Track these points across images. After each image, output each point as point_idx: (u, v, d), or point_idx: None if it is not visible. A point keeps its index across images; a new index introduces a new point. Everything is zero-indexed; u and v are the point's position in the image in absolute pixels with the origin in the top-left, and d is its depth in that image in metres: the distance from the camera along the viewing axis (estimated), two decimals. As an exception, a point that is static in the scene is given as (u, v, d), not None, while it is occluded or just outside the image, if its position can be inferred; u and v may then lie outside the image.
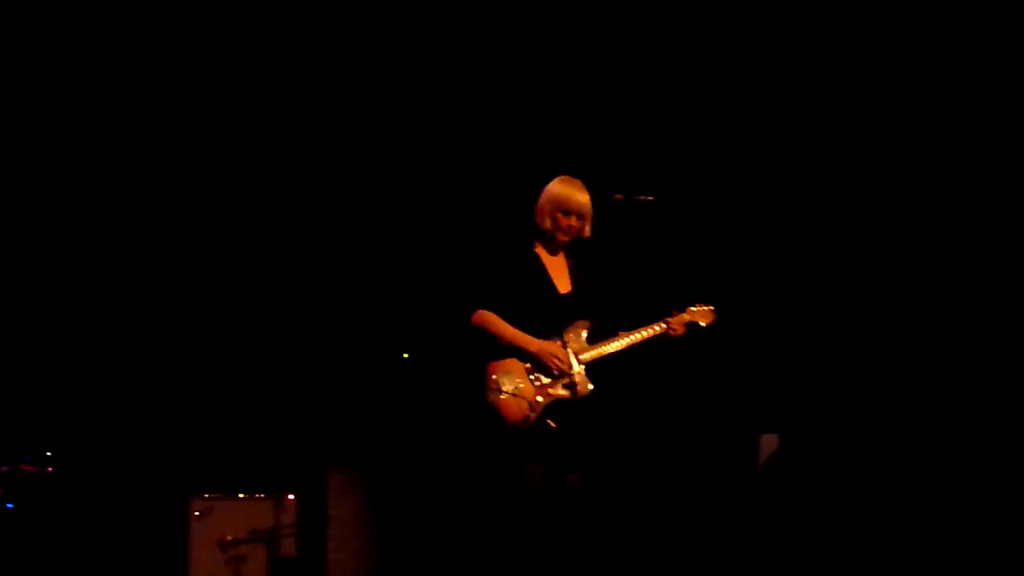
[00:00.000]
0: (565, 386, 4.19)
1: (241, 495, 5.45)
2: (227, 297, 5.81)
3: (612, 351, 4.29)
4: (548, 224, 4.32)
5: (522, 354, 4.20)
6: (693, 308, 4.46)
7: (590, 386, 4.21)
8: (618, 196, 4.38)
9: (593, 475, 4.25)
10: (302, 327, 5.86)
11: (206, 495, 5.39)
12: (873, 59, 5.39)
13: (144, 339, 5.70)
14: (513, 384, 4.13)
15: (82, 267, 5.63)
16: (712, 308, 4.48)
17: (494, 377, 4.14)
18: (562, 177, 4.36)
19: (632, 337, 4.33)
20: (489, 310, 4.22)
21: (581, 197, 4.31)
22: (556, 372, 4.19)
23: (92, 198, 5.60)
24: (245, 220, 5.78)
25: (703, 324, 4.45)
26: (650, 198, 4.38)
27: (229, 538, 5.35)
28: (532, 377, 4.18)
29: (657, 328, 4.37)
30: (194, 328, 5.78)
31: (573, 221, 4.31)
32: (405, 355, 5.79)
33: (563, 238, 4.34)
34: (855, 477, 5.34)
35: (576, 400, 4.20)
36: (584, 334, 4.29)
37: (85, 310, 5.61)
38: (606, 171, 5.01)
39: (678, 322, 4.39)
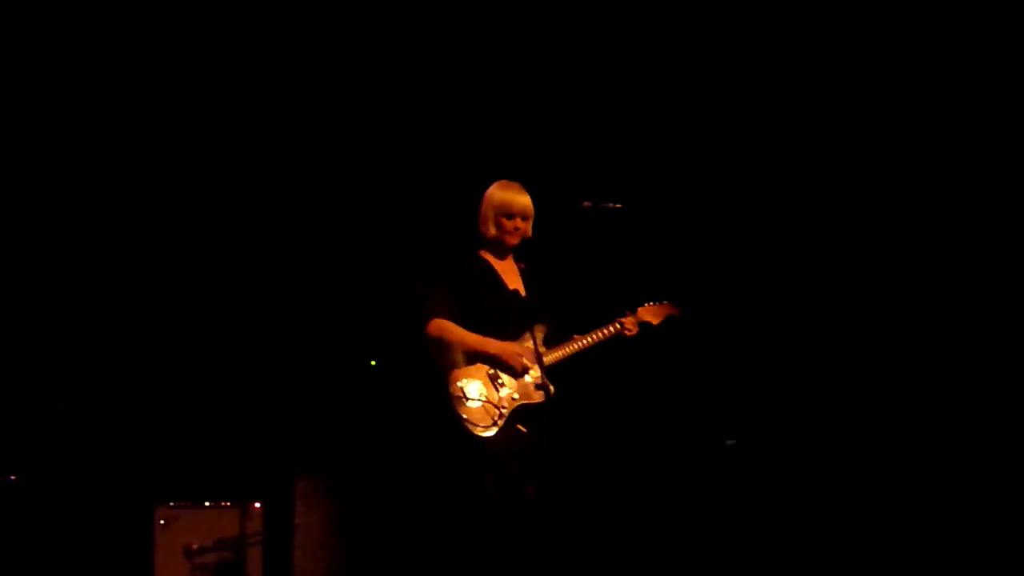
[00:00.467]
0: (527, 390, 4.19)
1: (207, 503, 5.42)
2: (192, 304, 5.80)
3: (570, 353, 4.30)
4: (494, 230, 4.35)
5: (483, 359, 4.19)
6: (644, 307, 4.47)
7: (551, 389, 4.18)
8: (586, 203, 4.39)
9: (553, 482, 4.24)
10: (268, 334, 5.85)
11: (171, 503, 5.36)
12: (836, 69, 5.45)
13: (108, 346, 5.68)
14: (478, 392, 4.12)
15: (45, 273, 5.59)
16: (665, 304, 4.49)
17: (458, 385, 4.12)
18: (500, 182, 4.39)
19: (587, 339, 4.34)
20: (445, 318, 4.20)
21: (523, 199, 4.34)
22: (520, 371, 4.19)
23: (53, 210, 5.59)
24: (208, 230, 5.77)
25: (655, 323, 4.45)
26: (618, 205, 4.40)
27: (195, 547, 5.32)
28: (496, 383, 4.17)
29: (611, 329, 4.38)
30: (159, 335, 5.76)
31: (519, 223, 4.33)
32: (372, 362, 5.78)
33: (511, 241, 4.36)
34: (821, 483, 5.39)
35: (537, 404, 4.18)
36: (540, 338, 4.28)
37: (48, 316, 5.59)
38: (560, 177, 5.16)
39: (631, 322, 4.40)
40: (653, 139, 5.75)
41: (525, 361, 4.20)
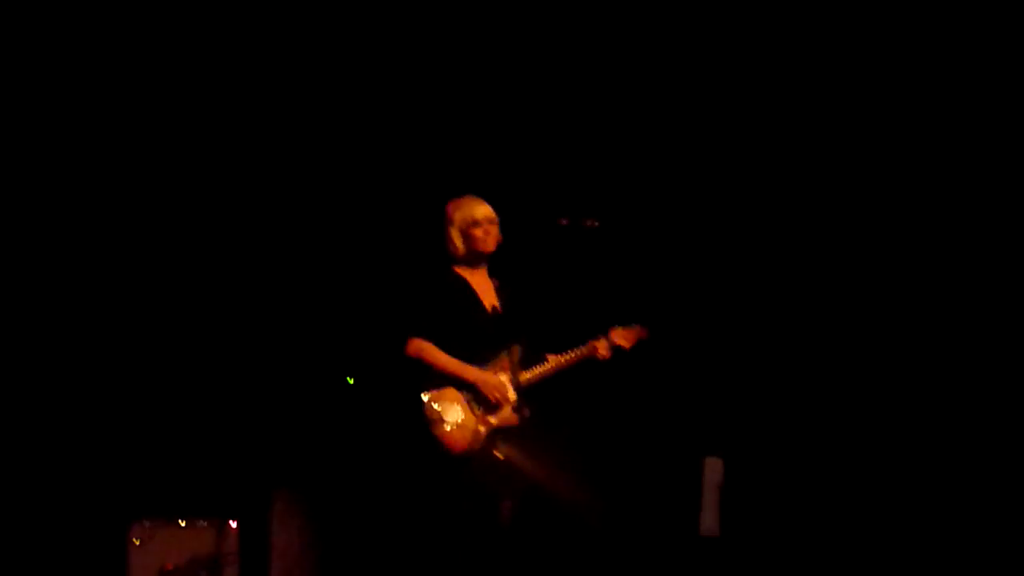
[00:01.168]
0: (504, 414, 4.23)
1: (182, 521, 5.35)
2: (168, 320, 5.75)
3: (545, 374, 4.33)
4: (464, 244, 4.37)
5: (460, 384, 4.22)
6: (616, 330, 4.48)
7: (527, 412, 4.26)
8: (563, 220, 4.44)
9: (529, 501, 4.31)
10: (244, 351, 5.82)
11: (146, 522, 5.29)
12: (811, 89, 5.47)
13: (79, 362, 5.60)
14: (455, 415, 4.16)
15: (16, 288, 5.50)
16: (637, 328, 4.49)
17: (436, 407, 4.16)
18: (452, 201, 4.42)
19: (561, 359, 4.37)
20: (422, 337, 4.23)
21: (483, 207, 4.39)
22: (495, 404, 4.22)
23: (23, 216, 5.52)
24: (177, 246, 5.73)
25: (627, 347, 4.47)
26: (596, 223, 4.43)
27: (169, 567, 5.25)
28: (472, 407, 4.20)
29: (584, 351, 4.40)
30: (132, 351, 5.69)
31: (488, 227, 4.37)
32: (350, 380, 5.76)
33: (487, 247, 4.37)
34: (805, 503, 5.43)
35: (512, 427, 4.24)
36: (516, 357, 4.32)
37: (20, 331, 5.50)
38: (534, 194, 5.24)
39: (604, 346, 4.42)
40: (631, 156, 5.76)
41: (499, 394, 4.23)
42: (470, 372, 4.23)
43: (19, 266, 5.48)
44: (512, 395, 4.26)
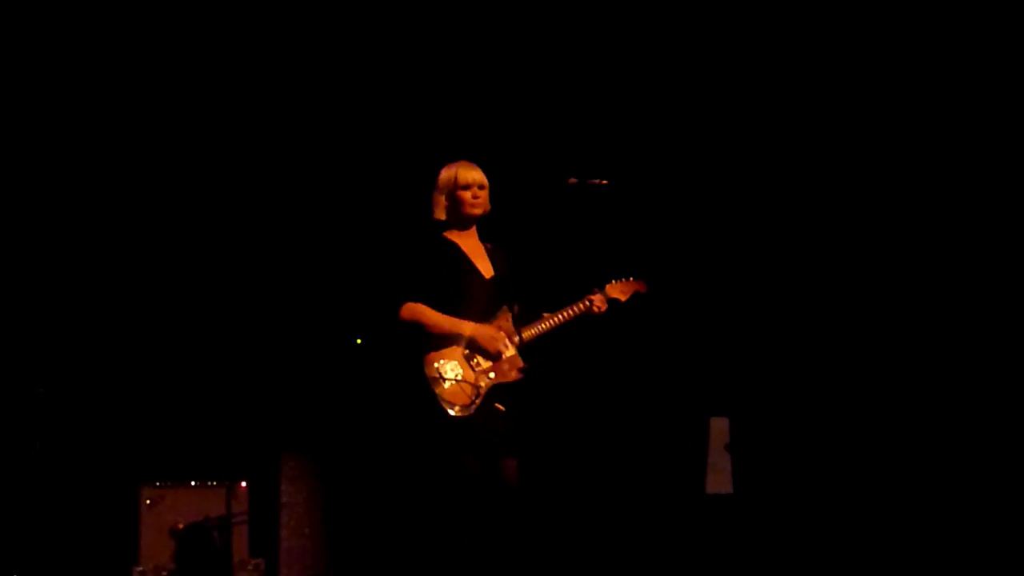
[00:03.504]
0: (503, 368, 4.26)
1: (193, 483, 5.53)
2: (175, 285, 5.87)
3: (543, 332, 4.36)
4: (451, 209, 4.37)
5: (457, 340, 4.25)
6: (612, 284, 4.51)
7: (523, 366, 4.27)
8: (572, 180, 4.44)
9: (529, 460, 4.32)
10: (252, 314, 5.94)
11: (156, 483, 5.47)
12: (829, 43, 5.59)
13: (92, 327, 5.78)
14: (454, 372, 4.19)
15: (28, 255, 5.72)
16: (631, 280, 4.52)
17: (435, 366, 4.19)
18: (447, 165, 4.41)
19: (558, 317, 4.39)
20: (416, 301, 4.25)
21: (474, 172, 4.39)
22: (494, 353, 4.25)
23: (35, 190, 5.72)
24: (187, 218, 5.84)
25: (623, 300, 4.49)
26: (604, 181, 4.44)
27: (181, 526, 5.43)
28: (472, 363, 4.24)
29: (581, 307, 4.43)
30: (143, 315, 5.85)
31: (476, 192, 4.36)
32: (359, 341, 5.86)
33: (473, 211, 4.38)
34: (812, 465, 5.60)
35: (513, 382, 4.27)
36: (511, 317, 4.35)
37: (31, 297, 5.69)
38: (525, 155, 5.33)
39: (600, 299, 4.45)
40: (633, 112, 5.84)
41: (499, 343, 4.26)
42: (466, 326, 4.25)
43: (35, 240, 5.68)
44: (510, 348, 4.29)
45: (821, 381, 5.61)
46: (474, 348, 4.27)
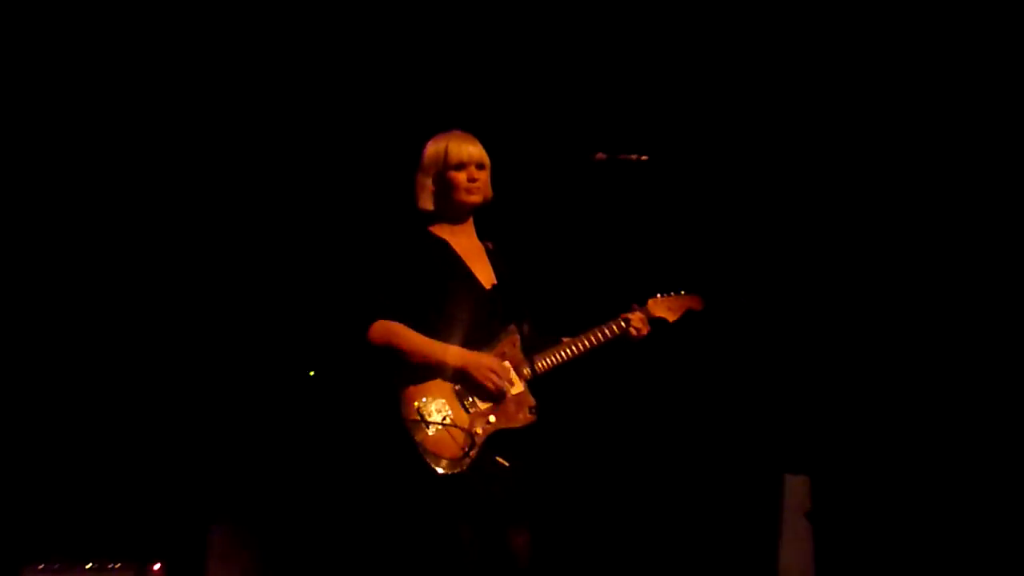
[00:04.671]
0: (507, 410, 4.18)
1: (91, 564, 5.41)
2: (84, 320, 5.91)
3: (560, 362, 4.30)
4: (440, 195, 4.33)
5: (445, 372, 4.15)
6: (656, 299, 4.47)
7: (534, 406, 4.20)
8: (600, 155, 4.37)
9: (545, 533, 4.26)
10: (176, 354, 5.94)
11: (41, 566, 5.35)
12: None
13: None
14: (442, 413, 4.10)
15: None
16: (684, 296, 4.50)
17: (415, 406, 4.08)
18: (435, 136, 4.39)
19: (582, 343, 4.33)
20: (391, 319, 4.16)
21: (471, 145, 4.35)
22: (495, 389, 4.15)
23: None
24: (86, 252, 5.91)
25: (671, 319, 4.48)
26: (644, 157, 4.38)
27: None
28: (465, 402, 4.14)
29: (613, 329, 4.36)
30: (39, 361, 5.87)
31: (474, 172, 4.31)
32: (311, 373, 5.89)
33: (469, 199, 4.32)
34: (914, 538, 5.57)
35: (521, 428, 4.18)
36: (519, 341, 4.28)
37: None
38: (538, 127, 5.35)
39: (639, 319, 4.40)
40: (680, 59, 5.82)
41: (500, 378, 4.17)
42: (457, 355, 4.15)
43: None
44: (518, 383, 4.21)
45: (931, 430, 5.60)
46: (468, 382, 4.17)
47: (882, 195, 5.77)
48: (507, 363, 4.23)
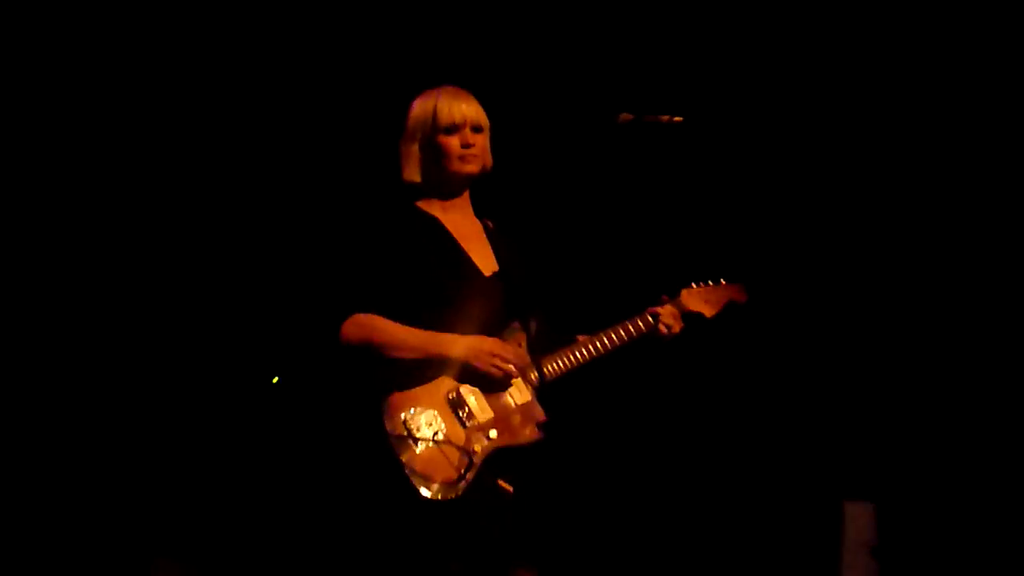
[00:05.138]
0: (511, 422, 4.10)
1: None
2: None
3: (576, 364, 4.22)
4: (429, 163, 4.25)
5: (437, 371, 4.07)
6: (691, 290, 4.43)
7: (544, 419, 4.11)
8: (625, 116, 4.24)
9: (557, 572, 4.22)
10: (111, 333, 5.86)
11: None
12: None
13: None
14: (433, 427, 4.01)
15: None
16: (725, 286, 4.48)
17: (402, 418, 3.99)
18: (423, 93, 4.31)
19: (601, 342, 4.25)
20: (369, 311, 4.10)
21: (465, 104, 4.26)
22: (501, 378, 4.08)
23: None
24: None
25: (709, 314, 4.44)
26: (678, 118, 4.24)
27: None
28: (460, 412, 4.04)
29: (639, 325, 4.28)
30: None
31: (468, 136, 4.21)
32: (275, 379, 5.87)
33: (463, 169, 4.22)
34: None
35: (527, 445, 4.10)
36: (526, 340, 4.20)
37: None
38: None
39: (670, 314, 4.32)
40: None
41: (505, 363, 4.08)
42: (449, 343, 4.06)
43: None
44: (524, 390, 4.13)
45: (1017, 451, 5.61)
46: (466, 379, 4.12)
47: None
48: (514, 347, 4.16)
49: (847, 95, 5.90)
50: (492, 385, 4.10)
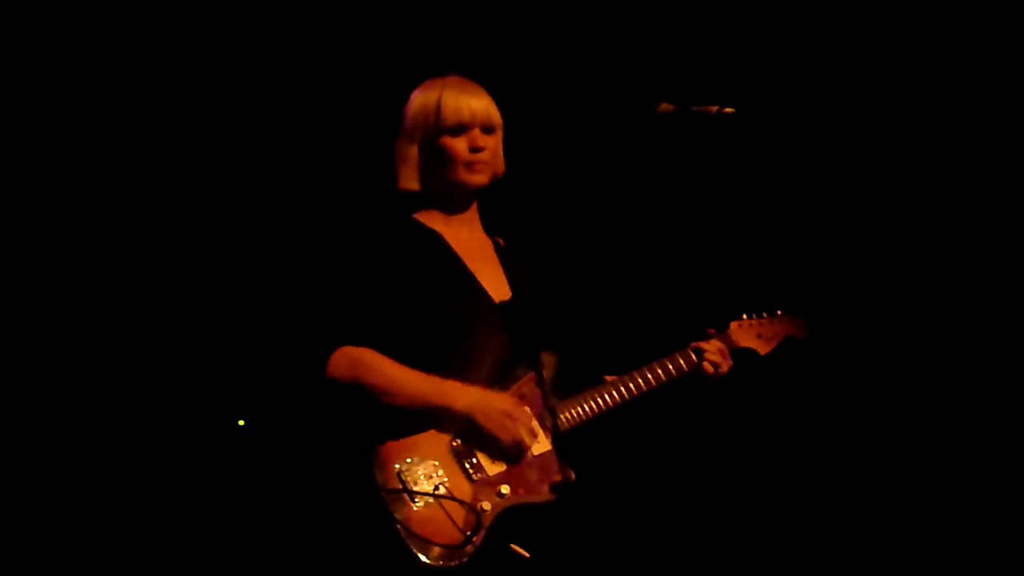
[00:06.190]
0: (526, 477, 4.16)
1: None
2: None
3: (600, 410, 4.28)
4: (430, 170, 4.31)
5: (439, 419, 4.10)
6: (741, 323, 4.52)
7: (571, 475, 4.14)
8: (664, 106, 4.28)
9: None
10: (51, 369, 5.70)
11: None
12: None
13: None
14: (434, 481, 4.08)
15: None
16: (781, 317, 4.54)
17: (396, 470, 4.05)
18: (420, 85, 4.36)
19: (634, 384, 4.31)
20: (361, 344, 4.13)
21: (472, 97, 4.29)
22: (508, 446, 4.09)
23: None
24: None
25: (763, 351, 4.53)
26: (728, 110, 4.25)
27: None
28: (466, 464, 4.08)
29: (681, 363, 4.34)
30: None
31: (478, 138, 4.23)
32: (241, 422, 5.91)
33: (472, 178, 4.25)
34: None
35: (544, 504, 4.14)
36: (546, 380, 4.23)
37: None
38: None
39: (717, 350, 4.37)
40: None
41: (518, 428, 4.12)
42: (451, 391, 4.09)
43: None
44: (541, 439, 4.17)
45: None
46: (472, 434, 4.14)
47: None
48: (525, 408, 4.19)
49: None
50: (497, 450, 4.14)
